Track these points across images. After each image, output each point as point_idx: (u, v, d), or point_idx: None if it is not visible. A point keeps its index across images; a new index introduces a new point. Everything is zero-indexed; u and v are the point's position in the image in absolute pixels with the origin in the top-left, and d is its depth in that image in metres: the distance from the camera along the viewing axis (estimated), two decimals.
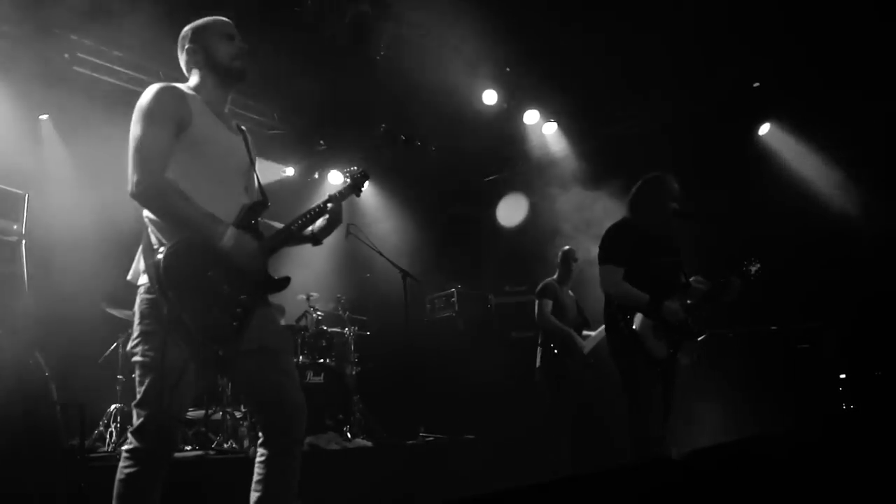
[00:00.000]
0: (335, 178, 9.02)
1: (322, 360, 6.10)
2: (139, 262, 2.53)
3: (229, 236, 2.46)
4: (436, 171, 9.12)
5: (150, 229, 2.50)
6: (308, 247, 3.03)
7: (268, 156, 8.06)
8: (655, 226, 4.08)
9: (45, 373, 4.19)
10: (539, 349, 5.86)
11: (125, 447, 2.45)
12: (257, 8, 5.73)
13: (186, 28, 2.79)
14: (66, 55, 6.11)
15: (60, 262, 5.64)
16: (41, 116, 6.39)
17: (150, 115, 2.48)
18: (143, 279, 2.47)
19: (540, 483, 1.53)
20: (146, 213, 2.51)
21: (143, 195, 2.42)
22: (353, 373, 6.54)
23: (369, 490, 4.81)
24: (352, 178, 3.12)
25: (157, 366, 2.39)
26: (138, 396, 2.44)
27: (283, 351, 2.73)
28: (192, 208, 2.44)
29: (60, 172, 6.29)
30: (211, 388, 5.42)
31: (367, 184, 3.19)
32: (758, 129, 7.19)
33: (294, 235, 2.85)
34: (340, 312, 6.93)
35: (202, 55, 2.72)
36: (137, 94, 2.69)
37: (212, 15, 2.84)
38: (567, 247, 6.18)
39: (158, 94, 2.52)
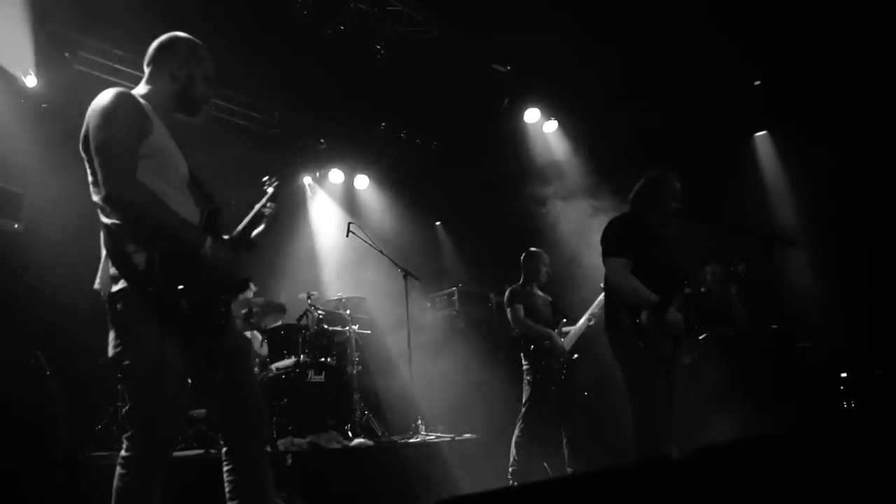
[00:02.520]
0: (336, 177, 9.01)
1: (323, 359, 6.10)
2: (108, 271, 2.45)
3: (209, 245, 2.51)
4: (437, 168, 9.13)
5: (119, 237, 2.42)
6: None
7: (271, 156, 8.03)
8: (656, 223, 4.06)
9: (47, 372, 4.19)
10: (522, 354, 5.75)
11: (121, 454, 2.40)
12: (258, 6, 5.74)
13: (185, 37, 2.76)
14: (67, 54, 6.11)
15: (61, 261, 5.64)
16: (30, 80, 6.31)
17: (114, 119, 2.43)
18: (121, 284, 2.41)
19: (541, 482, 1.53)
20: (110, 220, 2.43)
21: (121, 200, 2.38)
22: (354, 371, 6.54)
23: (370, 489, 4.81)
24: (270, 186, 3.19)
25: (152, 368, 2.34)
26: (133, 402, 2.41)
27: (248, 352, 2.79)
28: (171, 214, 2.44)
29: (60, 169, 6.29)
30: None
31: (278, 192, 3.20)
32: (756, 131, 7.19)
33: (247, 237, 2.93)
34: (341, 311, 6.92)
35: (182, 78, 2.70)
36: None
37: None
38: (532, 248, 6.00)
39: (120, 100, 2.47)
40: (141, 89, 2.69)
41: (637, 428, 3.84)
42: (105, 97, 2.48)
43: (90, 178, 2.50)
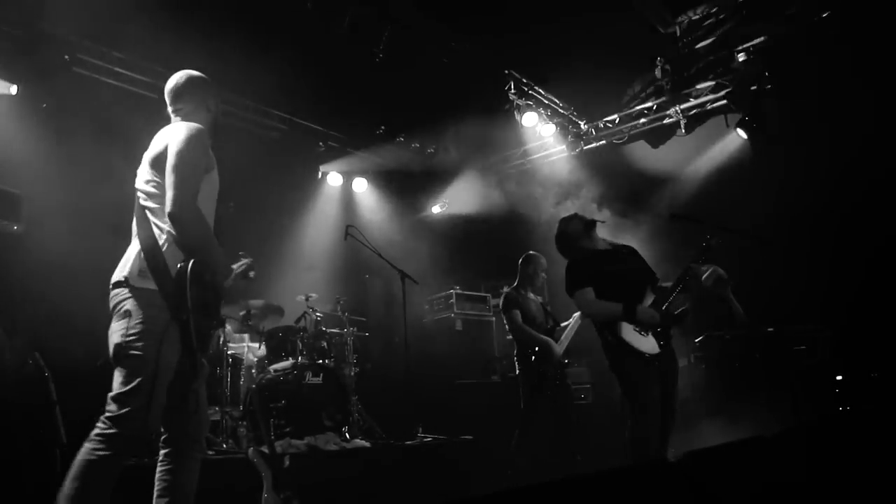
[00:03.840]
0: (334, 180, 9.02)
1: (321, 361, 6.11)
2: (140, 263, 2.76)
3: (232, 277, 2.97)
4: (434, 171, 9.16)
5: (167, 243, 2.76)
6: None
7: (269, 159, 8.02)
8: (596, 246, 4.38)
9: (45, 373, 4.21)
10: (516, 359, 5.78)
11: (98, 432, 2.60)
12: (259, 8, 5.75)
13: (204, 77, 3.15)
14: (67, 56, 6.11)
15: (59, 262, 5.65)
16: (12, 89, 6.27)
17: (195, 151, 2.82)
18: (151, 284, 2.71)
19: (537, 484, 1.54)
20: (166, 226, 2.76)
21: (184, 217, 2.70)
22: (352, 373, 6.55)
23: (367, 490, 4.83)
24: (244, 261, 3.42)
25: (153, 361, 2.64)
26: (125, 387, 2.64)
27: (205, 372, 3.03)
28: (214, 242, 2.82)
29: (59, 172, 6.29)
30: (212, 389, 5.46)
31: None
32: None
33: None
34: (339, 313, 6.93)
35: (214, 108, 3.13)
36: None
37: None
38: (530, 252, 6.01)
39: (202, 137, 2.88)
40: (201, 125, 3.02)
41: (633, 432, 3.92)
42: (191, 129, 2.87)
43: (150, 188, 2.85)
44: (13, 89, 6.09)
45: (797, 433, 2.82)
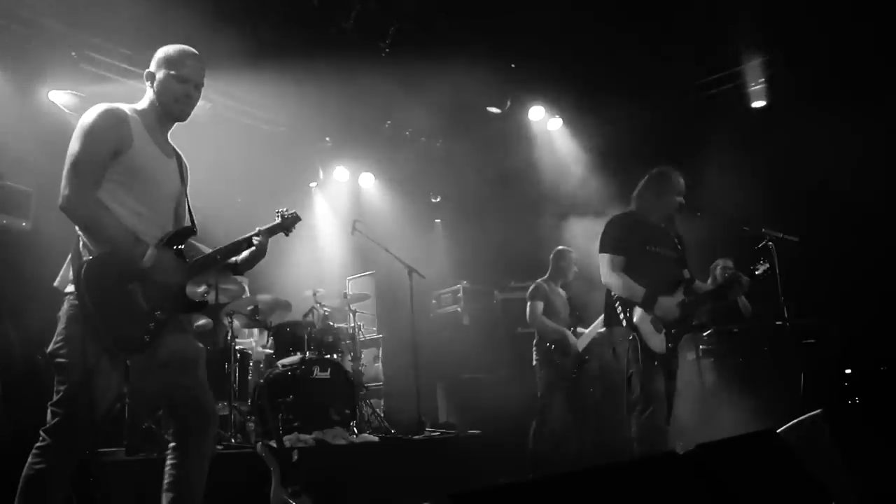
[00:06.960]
0: (341, 175, 9.03)
1: (328, 356, 6.12)
2: (67, 270, 2.61)
3: (148, 256, 2.60)
4: (441, 166, 9.14)
5: (80, 240, 2.60)
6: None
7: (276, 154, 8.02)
8: (659, 219, 4.11)
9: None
10: (535, 349, 5.86)
11: (36, 444, 2.51)
12: (264, 5, 5.75)
13: (167, 46, 2.87)
14: (74, 53, 6.13)
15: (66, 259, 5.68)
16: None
17: (90, 133, 2.58)
18: (71, 287, 2.56)
19: (545, 477, 1.55)
20: (77, 228, 2.61)
21: (72, 210, 2.54)
22: (360, 368, 6.57)
23: (375, 485, 4.84)
24: (282, 218, 3.18)
25: (78, 368, 2.47)
26: (57, 396, 2.51)
27: (197, 363, 2.87)
28: (116, 228, 2.57)
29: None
30: (220, 384, 5.47)
31: (296, 226, 3.24)
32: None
33: (216, 262, 2.94)
34: (346, 308, 6.95)
35: (155, 84, 2.80)
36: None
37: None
38: (561, 246, 6.13)
39: (102, 115, 2.62)
40: (138, 105, 2.82)
41: (636, 423, 3.87)
42: (90, 111, 2.62)
43: None
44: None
45: (806, 426, 2.81)
